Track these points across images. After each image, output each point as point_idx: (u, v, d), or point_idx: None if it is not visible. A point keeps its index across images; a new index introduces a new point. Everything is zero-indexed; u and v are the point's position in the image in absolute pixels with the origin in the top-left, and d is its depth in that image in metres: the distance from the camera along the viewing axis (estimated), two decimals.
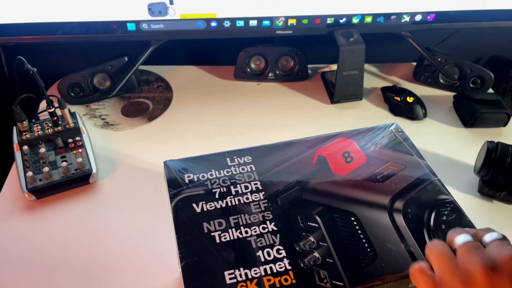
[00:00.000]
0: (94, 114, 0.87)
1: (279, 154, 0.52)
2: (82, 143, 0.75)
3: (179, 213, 0.46)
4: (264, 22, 0.86)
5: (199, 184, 0.49)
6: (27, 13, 0.77)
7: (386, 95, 0.93)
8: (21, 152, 0.73)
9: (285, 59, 0.97)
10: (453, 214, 0.46)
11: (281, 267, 0.41)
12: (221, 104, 0.91)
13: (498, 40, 1.10)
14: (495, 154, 0.70)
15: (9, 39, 0.81)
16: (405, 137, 0.55)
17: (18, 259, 0.61)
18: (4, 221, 0.66)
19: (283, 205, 0.47)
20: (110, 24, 0.81)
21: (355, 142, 0.54)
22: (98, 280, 0.59)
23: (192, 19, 0.83)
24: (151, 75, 0.99)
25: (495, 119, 0.86)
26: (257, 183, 0.49)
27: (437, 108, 0.92)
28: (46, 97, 0.75)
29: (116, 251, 0.63)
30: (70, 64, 0.93)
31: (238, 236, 0.44)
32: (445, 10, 0.87)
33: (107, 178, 0.74)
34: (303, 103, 0.93)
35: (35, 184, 0.68)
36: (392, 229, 0.44)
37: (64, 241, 0.64)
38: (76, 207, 0.69)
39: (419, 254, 0.42)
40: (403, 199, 0.47)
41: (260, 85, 0.97)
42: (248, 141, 0.82)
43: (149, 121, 0.86)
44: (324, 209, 0.46)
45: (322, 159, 0.52)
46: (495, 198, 0.73)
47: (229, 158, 0.52)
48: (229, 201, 0.47)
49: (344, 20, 0.87)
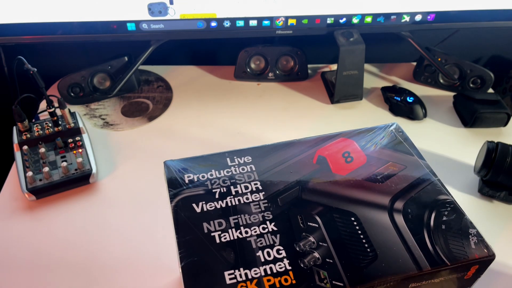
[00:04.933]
0: (94, 114, 0.87)
1: (279, 154, 0.52)
2: (82, 143, 0.75)
3: (179, 213, 0.46)
4: (264, 22, 0.86)
5: (199, 184, 0.49)
6: (27, 13, 0.77)
7: (386, 95, 0.93)
8: (21, 152, 0.73)
9: (285, 59, 0.97)
10: (453, 214, 0.46)
11: (281, 267, 0.41)
12: (221, 104, 0.91)
13: (498, 40, 1.10)
14: (495, 154, 0.70)
15: (9, 39, 0.81)
16: (405, 137, 0.55)
17: (18, 259, 0.61)
18: (4, 221, 0.66)
19: (283, 205, 0.47)
20: (110, 24, 0.81)
21: (355, 142, 0.54)
22: (98, 280, 0.59)
23: (192, 19, 0.83)
24: (151, 75, 0.99)
25: (495, 119, 0.86)
26: (257, 183, 0.49)
27: (437, 108, 0.92)
28: (46, 97, 0.75)
29: (116, 251, 0.63)
30: (70, 64, 0.93)
31: (238, 236, 0.44)
32: (445, 10, 0.87)
33: (107, 178, 0.74)
34: (303, 103, 0.93)
35: (35, 184, 0.68)
36: (392, 229, 0.44)
37: (64, 241, 0.64)
38: (76, 207, 0.69)
39: (419, 255, 0.42)
40: (403, 199, 0.47)
41: (260, 85, 0.97)
42: (248, 141, 0.82)
43: (149, 121, 0.86)
44: (324, 209, 0.46)
45: (322, 159, 0.52)
46: (495, 198, 0.73)
47: (229, 158, 0.52)
48: (229, 201, 0.47)
49: (344, 20, 0.87)
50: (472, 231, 0.45)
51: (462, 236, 0.44)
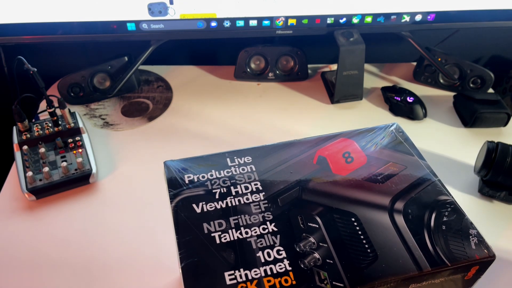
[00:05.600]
0: (94, 114, 0.87)
1: (279, 155, 0.52)
2: (82, 143, 0.75)
3: (179, 214, 0.46)
4: (264, 22, 0.86)
5: (199, 184, 0.49)
6: (27, 13, 0.77)
7: (386, 95, 0.93)
8: (21, 152, 0.73)
9: (285, 59, 0.97)
10: (454, 215, 0.46)
11: (281, 268, 0.41)
12: (221, 104, 0.91)
13: (498, 40, 1.10)
14: (495, 154, 0.70)
15: (9, 39, 0.80)
16: (405, 138, 0.55)
17: (18, 259, 0.61)
18: (4, 221, 0.66)
19: (283, 206, 0.47)
20: (110, 24, 0.81)
21: (356, 143, 0.54)
22: (98, 280, 0.59)
23: (192, 19, 0.83)
24: (151, 75, 0.99)
25: (495, 119, 0.86)
26: (257, 184, 0.49)
27: (437, 108, 0.92)
28: (46, 97, 0.75)
29: (116, 251, 0.63)
30: (70, 64, 0.93)
31: (238, 236, 0.44)
32: (445, 10, 0.87)
33: (107, 178, 0.74)
34: (303, 103, 0.93)
35: (35, 184, 0.68)
36: (393, 230, 0.44)
37: (64, 241, 0.64)
38: (76, 207, 0.69)
39: (420, 255, 0.42)
40: (403, 199, 0.47)
41: (260, 85, 0.97)
42: (248, 141, 0.82)
43: (149, 121, 0.86)
44: (325, 210, 0.46)
45: (323, 160, 0.52)
46: (495, 198, 0.73)
47: (229, 159, 0.52)
48: (229, 202, 0.47)
49: (344, 20, 0.87)
50: (473, 232, 0.45)
51: (463, 236, 0.44)
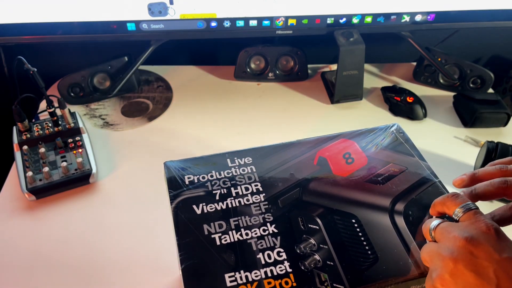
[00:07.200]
0: (94, 114, 0.87)
1: (279, 155, 0.52)
2: (82, 143, 0.75)
3: (179, 215, 0.45)
4: (264, 22, 0.86)
5: (199, 185, 0.49)
6: (27, 13, 0.77)
7: (386, 95, 0.93)
8: (21, 152, 0.72)
9: (285, 59, 0.96)
10: None
11: (281, 269, 0.41)
12: (221, 104, 0.91)
13: (498, 40, 1.10)
14: (495, 154, 0.70)
15: (9, 39, 0.80)
16: (406, 138, 0.54)
17: (18, 259, 0.61)
18: (4, 221, 0.66)
19: (283, 207, 0.47)
20: (110, 24, 0.81)
21: (356, 143, 0.54)
22: (98, 280, 0.59)
23: (192, 19, 0.83)
24: (151, 75, 0.99)
25: (495, 119, 0.86)
26: (258, 185, 0.49)
27: (437, 108, 0.92)
28: (46, 97, 0.75)
29: (116, 251, 0.63)
30: (70, 64, 0.92)
31: (238, 238, 0.44)
32: (445, 10, 0.87)
33: (107, 178, 0.74)
34: (303, 103, 0.92)
35: (35, 184, 0.68)
36: (393, 232, 0.44)
37: (64, 241, 0.64)
38: (76, 207, 0.69)
39: (420, 257, 0.42)
40: (404, 201, 0.47)
41: (260, 85, 0.97)
42: (248, 141, 0.82)
43: (149, 121, 0.86)
44: (325, 211, 0.46)
45: (323, 160, 0.51)
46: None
47: (229, 159, 0.52)
48: (229, 203, 0.47)
49: (344, 20, 0.87)
50: None
51: None
